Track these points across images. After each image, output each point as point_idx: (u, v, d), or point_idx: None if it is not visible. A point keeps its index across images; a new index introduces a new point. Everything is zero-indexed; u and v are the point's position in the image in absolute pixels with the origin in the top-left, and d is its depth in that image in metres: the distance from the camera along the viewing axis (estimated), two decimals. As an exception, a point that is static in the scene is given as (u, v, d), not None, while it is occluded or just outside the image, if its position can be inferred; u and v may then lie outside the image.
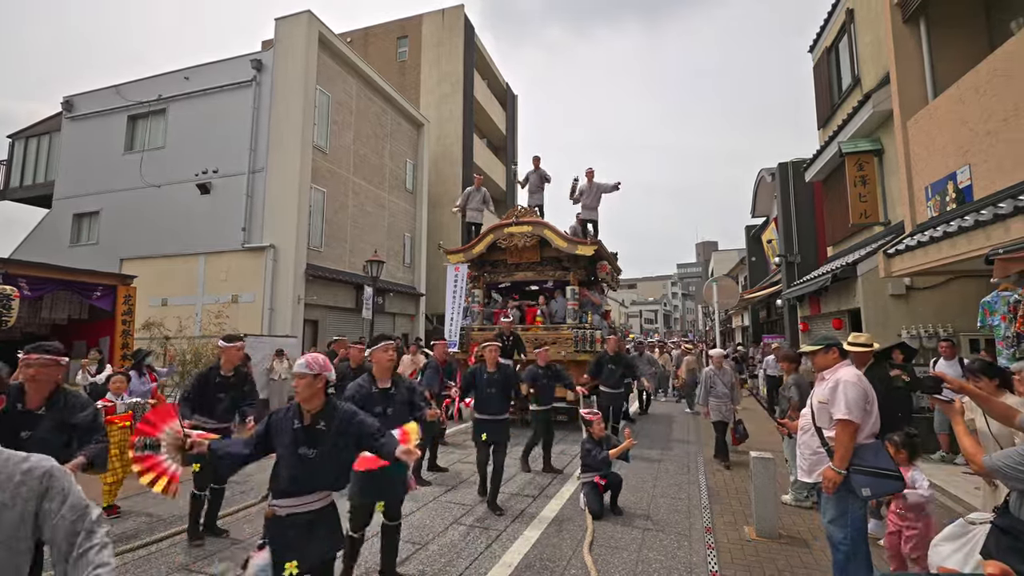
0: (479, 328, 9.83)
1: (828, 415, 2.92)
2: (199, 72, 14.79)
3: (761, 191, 16.25)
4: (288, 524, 2.33)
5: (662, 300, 79.76)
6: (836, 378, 2.93)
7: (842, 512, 2.82)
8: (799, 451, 3.19)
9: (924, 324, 7.41)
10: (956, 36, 6.68)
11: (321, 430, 2.40)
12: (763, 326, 18.16)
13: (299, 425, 2.40)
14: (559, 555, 3.80)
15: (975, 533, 2.48)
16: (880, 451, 2.83)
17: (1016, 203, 4.28)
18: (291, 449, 2.36)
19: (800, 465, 3.18)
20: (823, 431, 2.95)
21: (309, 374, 2.40)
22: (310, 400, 2.42)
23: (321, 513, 2.41)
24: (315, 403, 2.42)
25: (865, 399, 2.84)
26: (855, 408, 2.78)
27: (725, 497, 5.22)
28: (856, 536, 2.80)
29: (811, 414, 3.05)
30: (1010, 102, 4.79)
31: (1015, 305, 4.09)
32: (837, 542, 2.84)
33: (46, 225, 16.31)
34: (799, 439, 3.19)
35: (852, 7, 9.49)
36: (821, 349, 3.06)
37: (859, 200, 8.73)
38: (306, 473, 2.36)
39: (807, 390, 4.94)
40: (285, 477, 2.36)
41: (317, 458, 2.37)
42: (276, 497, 2.37)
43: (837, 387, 2.87)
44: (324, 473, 2.40)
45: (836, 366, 3.02)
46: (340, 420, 2.45)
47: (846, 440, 2.77)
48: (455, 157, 21.85)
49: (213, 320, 11.73)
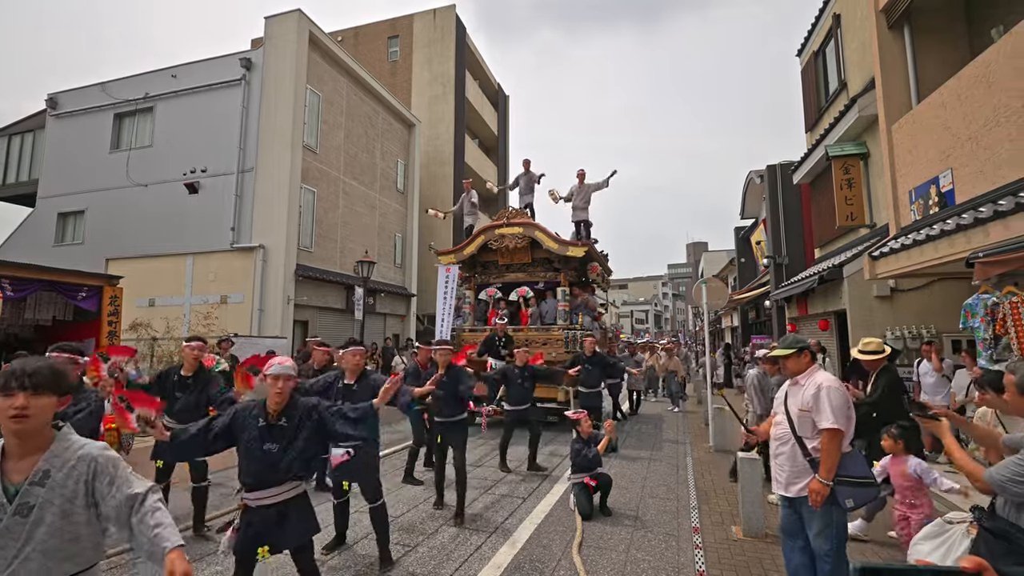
0: (470, 329, 9.83)
1: (810, 424, 2.72)
2: (187, 70, 14.63)
3: (750, 193, 16.41)
4: (259, 514, 2.46)
5: (653, 300, 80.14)
6: (816, 384, 2.75)
7: (827, 524, 2.68)
8: (774, 463, 2.93)
9: (908, 325, 7.53)
10: (939, 43, 6.81)
11: (283, 426, 2.52)
12: (752, 327, 18.33)
13: (263, 423, 2.50)
14: (548, 556, 3.82)
15: (953, 532, 2.54)
16: (858, 459, 2.73)
17: (996, 207, 4.37)
18: (256, 445, 2.47)
19: (776, 478, 2.91)
20: (806, 441, 2.75)
21: (294, 376, 2.57)
22: (282, 400, 2.53)
23: (290, 503, 2.53)
24: (283, 402, 2.54)
25: (847, 405, 2.70)
26: (841, 416, 2.64)
27: (713, 497, 5.27)
28: (840, 544, 2.71)
29: (789, 423, 2.83)
30: (990, 108, 4.89)
31: (992, 308, 4.17)
32: (824, 553, 2.69)
33: (29, 224, 16.04)
34: (774, 450, 2.92)
35: (839, 12, 9.62)
36: (794, 353, 2.87)
37: (845, 203, 8.85)
38: (271, 467, 2.47)
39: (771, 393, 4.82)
40: (251, 471, 2.48)
41: (280, 452, 2.48)
42: (246, 490, 2.49)
43: (819, 394, 2.69)
44: (288, 466, 2.51)
45: (810, 370, 2.86)
46: (301, 415, 2.58)
47: (834, 451, 2.62)
48: (446, 157, 21.82)
49: (202, 321, 11.60)
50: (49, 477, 1.46)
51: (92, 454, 1.53)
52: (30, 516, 1.41)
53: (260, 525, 2.46)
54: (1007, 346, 4.06)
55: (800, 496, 2.76)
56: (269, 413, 2.52)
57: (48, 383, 1.48)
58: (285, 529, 2.49)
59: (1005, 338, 4.07)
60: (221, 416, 2.59)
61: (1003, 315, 4.08)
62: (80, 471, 1.50)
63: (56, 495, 1.45)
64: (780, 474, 2.87)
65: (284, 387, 2.50)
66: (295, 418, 2.56)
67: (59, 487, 1.46)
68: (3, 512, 1.41)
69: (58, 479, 1.47)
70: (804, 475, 2.73)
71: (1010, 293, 4.10)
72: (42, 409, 1.47)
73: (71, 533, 1.46)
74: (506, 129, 28.90)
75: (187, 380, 4.13)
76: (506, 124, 28.92)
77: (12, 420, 1.43)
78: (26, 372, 1.46)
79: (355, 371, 3.77)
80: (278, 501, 2.49)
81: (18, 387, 1.43)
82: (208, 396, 4.14)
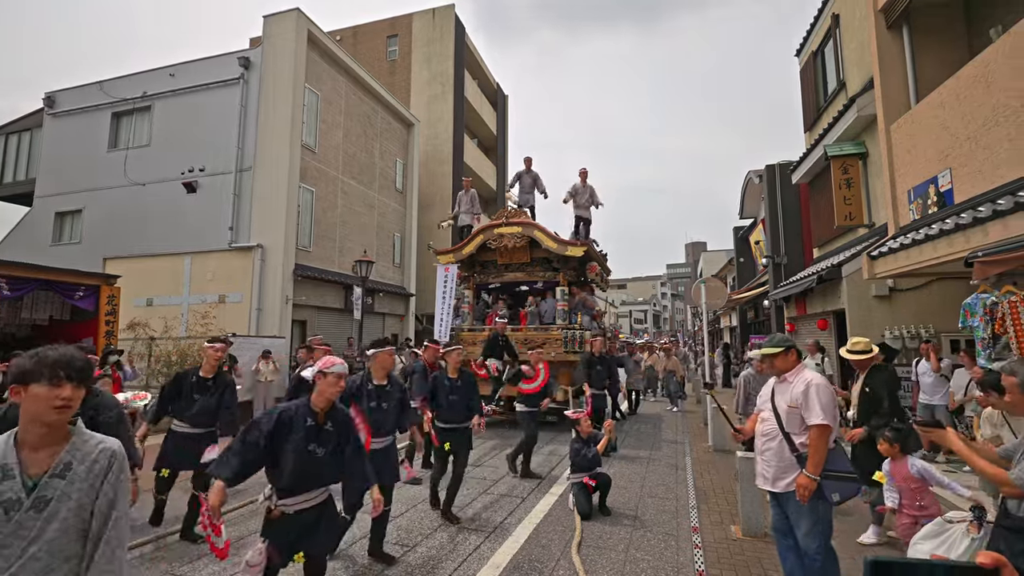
0: (469, 328, 9.82)
1: (799, 420, 2.79)
2: (185, 69, 14.59)
3: (749, 193, 16.42)
4: (295, 520, 2.40)
5: (652, 300, 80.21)
6: (805, 381, 2.82)
7: (815, 520, 2.72)
8: (760, 458, 2.99)
9: (906, 325, 7.54)
10: (938, 42, 6.81)
11: (329, 430, 2.50)
12: (751, 326, 18.35)
13: (312, 423, 2.46)
14: (547, 556, 3.81)
15: (953, 531, 2.54)
16: (840, 454, 2.79)
17: (995, 207, 4.37)
18: (302, 446, 2.40)
19: (762, 473, 2.97)
20: (793, 437, 2.80)
21: (346, 374, 2.57)
22: (330, 400, 2.51)
23: (325, 507, 2.52)
24: (328, 403, 2.52)
25: (833, 402, 2.77)
26: (829, 412, 2.71)
27: (712, 496, 5.27)
28: (827, 542, 2.73)
29: (776, 419, 2.89)
30: (989, 108, 4.89)
31: (991, 307, 4.17)
32: (814, 551, 2.72)
33: (27, 223, 15.98)
34: (761, 446, 2.98)
35: (838, 12, 9.63)
36: (781, 352, 2.94)
37: (844, 202, 8.86)
38: (314, 470, 2.43)
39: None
40: (292, 474, 2.39)
41: (325, 456, 2.46)
42: (282, 496, 2.39)
43: (809, 391, 2.77)
44: (329, 470, 2.49)
45: (797, 368, 2.94)
46: (342, 422, 2.58)
47: (822, 446, 2.69)
48: (445, 157, 21.79)
49: (200, 321, 11.58)
50: (71, 470, 1.43)
51: (112, 448, 1.52)
52: (44, 511, 1.37)
53: (297, 531, 2.39)
54: (1006, 345, 4.06)
55: (787, 491, 2.80)
56: (317, 414, 2.49)
57: (86, 376, 1.49)
58: (317, 534, 2.46)
59: (1004, 337, 4.07)
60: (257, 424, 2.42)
61: (1002, 314, 4.08)
62: (101, 465, 1.48)
63: (75, 489, 1.43)
64: (767, 470, 2.93)
65: (338, 386, 2.51)
66: (338, 423, 2.56)
67: (79, 480, 1.44)
68: (18, 506, 1.35)
69: (80, 472, 1.45)
70: (791, 470, 2.79)
71: (1009, 292, 4.10)
72: (79, 401, 1.47)
73: (81, 531, 1.44)
74: (505, 129, 28.88)
75: (206, 382, 4.04)
76: (505, 124, 28.90)
77: (56, 411, 1.41)
78: (72, 363, 1.45)
79: (388, 370, 3.75)
80: (314, 505, 2.45)
81: (66, 377, 1.42)
82: (226, 399, 4.05)
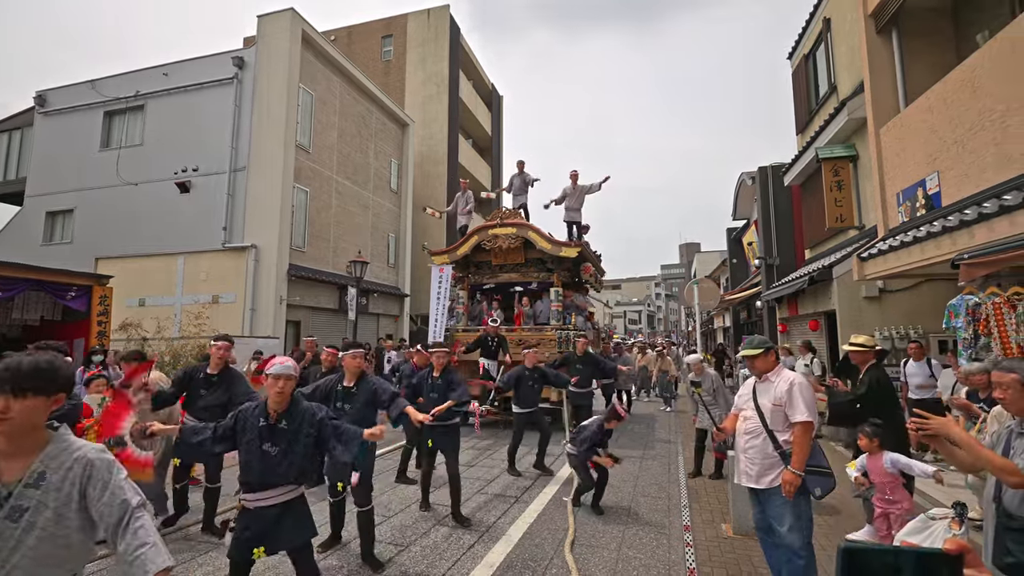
0: (463, 329, 9.84)
1: (783, 417, 2.88)
2: (179, 68, 14.53)
3: (742, 194, 16.54)
4: (256, 515, 2.47)
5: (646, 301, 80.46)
6: (788, 380, 2.91)
7: (798, 516, 2.78)
8: (743, 456, 3.04)
9: (896, 326, 7.64)
10: (927, 47, 6.90)
11: (283, 428, 2.51)
12: (744, 327, 18.47)
13: (264, 423, 2.50)
14: (541, 555, 3.84)
15: (935, 528, 2.60)
16: (818, 450, 2.89)
17: (980, 210, 4.45)
18: (256, 445, 2.47)
19: (745, 471, 3.01)
20: (777, 434, 2.89)
21: (295, 376, 2.55)
22: (283, 400, 2.52)
23: (288, 505, 2.53)
24: (283, 403, 2.54)
25: (815, 400, 2.87)
26: (811, 409, 2.81)
27: (704, 496, 5.32)
28: (809, 538, 2.79)
29: (760, 417, 2.96)
30: (975, 113, 4.97)
31: (974, 308, 4.25)
32: (797, 549, 2.76)
33: (17, 223, 15.85)
34: (743, 443, 3.05)
35: (829, 16, 9.73)
36: (761, 353, 3.03)
37: (835, 204, 8.96)
38: (269, 469, 2.47)
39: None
40: (250, 472, 2.48)
41: (279, 455, 2.48)
42: (244, 491, 2.49)
43: (792, 389, 2.86)
44: (286, 469, 2.50)
45: (777, 368, 3.03)
46: (302, 419, 2.57)
47: (806, 442, 2.78)
48: (440, 157, 21.81)
49: (193, 321, 11.53)
50: (45, 479, 1.40)
51: (88, 456, 1.46)
52: (21, 520, 1.34)
53: (257, 526, 2.46)
54: (985, 345, 4.15)
55: (770, 488, 2.87)
56: (270, 414, 2.52)
57: (32, 384, 1.37)
58: (281, 531, 2.49)
59: (985, 338, 4.15)
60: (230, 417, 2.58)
61: (985, 315, 4.16)
62: (76, 473, 1.43)
63: (51, 498, 1.39)
64: (750, 467, 2.99)
65: (284, 387, 2.50)
66: (296, 422, 2.54)
67: (54, 490, 1.40)
68: None
69: (54, 481, 1.41)
70: (775, 467, 2.87)
71: (993, 294, 4.18)
72: (28, 411, 1.36)
73: (63, 539, 1.40)
74: (500, 129, 28.92)
75: (212, 378, 4.11)
76: (500, 124, 28.94)
77: None
78: (8, 373, 1.35)
79: (355, 374, 3.76)
80: (276, 503, 2.49)
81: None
82: (233, 395, 4.10)
